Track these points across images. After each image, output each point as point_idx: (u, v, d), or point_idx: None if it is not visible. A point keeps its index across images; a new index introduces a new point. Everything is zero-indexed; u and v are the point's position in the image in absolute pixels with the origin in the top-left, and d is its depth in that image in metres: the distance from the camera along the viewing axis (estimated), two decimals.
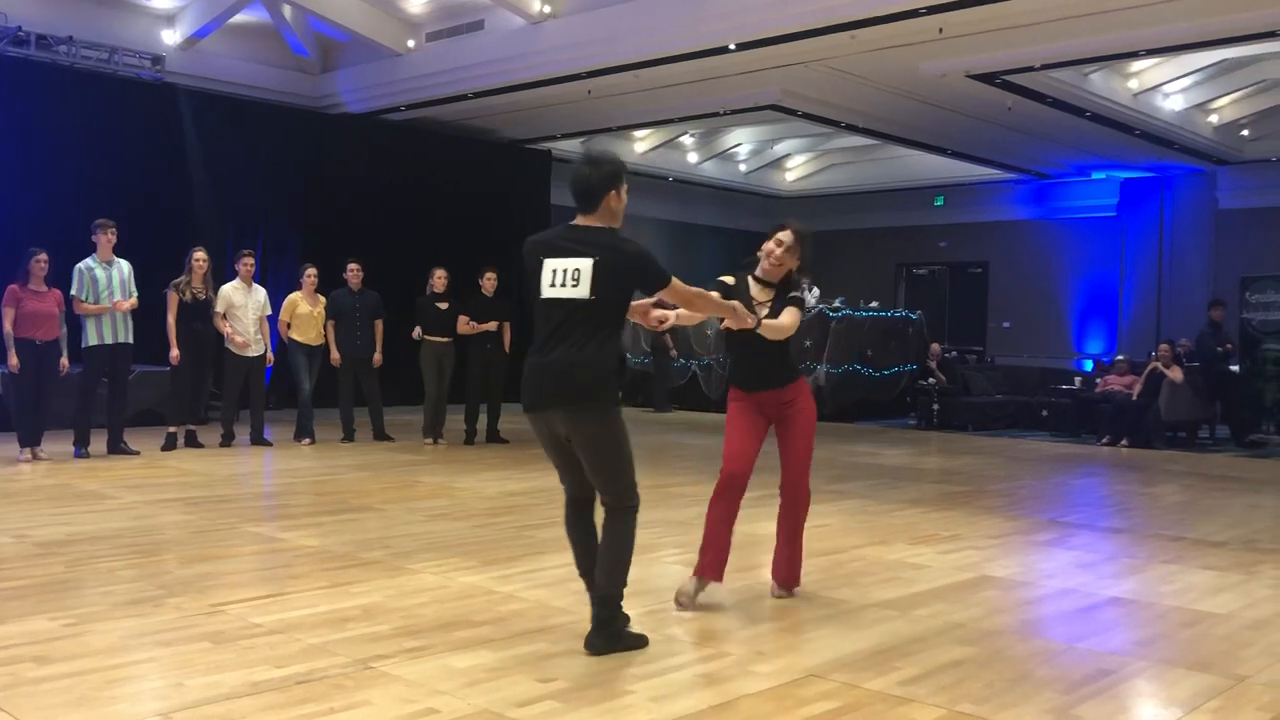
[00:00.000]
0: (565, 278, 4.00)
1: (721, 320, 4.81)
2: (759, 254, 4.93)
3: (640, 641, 4.18)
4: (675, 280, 4.13)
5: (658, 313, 4.48)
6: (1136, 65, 14.12)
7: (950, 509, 7.82)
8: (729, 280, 4.90)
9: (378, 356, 11.08)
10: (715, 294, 4.60)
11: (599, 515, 4.24)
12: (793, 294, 4.88)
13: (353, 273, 11.10)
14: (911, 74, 13.03)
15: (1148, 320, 18.66)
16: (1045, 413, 14.81)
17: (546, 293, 4.05)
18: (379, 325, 11.11)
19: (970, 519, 7.41)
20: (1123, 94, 14.49)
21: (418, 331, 10.83)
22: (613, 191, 4.07)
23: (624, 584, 4.15)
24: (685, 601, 4.79)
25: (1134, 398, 13.23)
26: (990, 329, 20.73)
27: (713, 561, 4.87)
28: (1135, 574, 5.83)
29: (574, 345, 3.98)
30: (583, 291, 3.97)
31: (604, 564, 4.12)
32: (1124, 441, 13.00)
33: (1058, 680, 3.93)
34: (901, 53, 12.12)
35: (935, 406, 14.67)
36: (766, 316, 4.74)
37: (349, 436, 11.06)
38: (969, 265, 21.37)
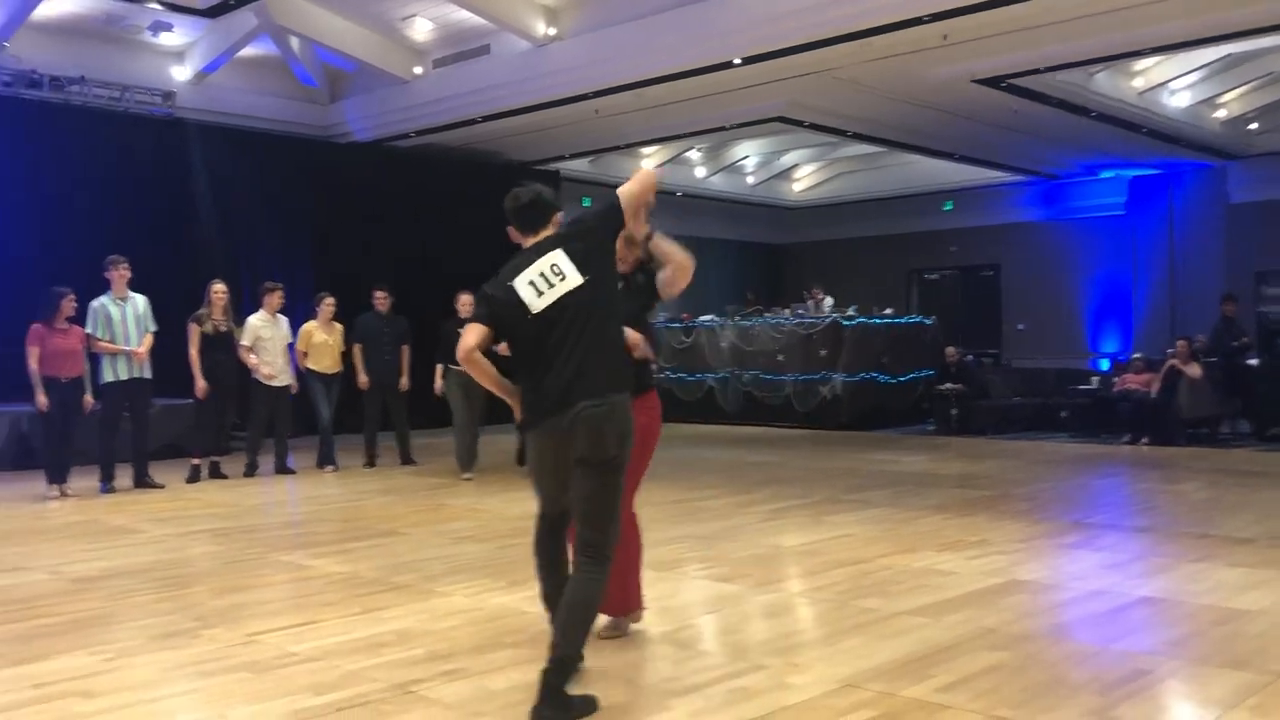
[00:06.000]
0: (546, 280, 3.69)
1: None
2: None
3: (590, 706, 3.60)
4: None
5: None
6: (1141, 64, 14.14)
7: (974, 514, 7.82)
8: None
9: (404, 381, 11.11)
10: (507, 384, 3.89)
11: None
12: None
13: (380, 299, 11.14)
14: (917, 81, 13.08)
15: (1161, 317, 18.60)
16: (1064, 414, 14.76)
17: (535, 306, 3.67)
18: (405, 350, 11.14)
19: (995, 523, 7.41)
20: (1128, 92, 14.51)
21: (439, 385, 10.27)
22: (559, 214, 3.96)
23: (583, 646, 3.65)
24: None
25: (1152, 395, 13.19)
26: (1005, 331, 20.70)
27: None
28: (1164, 573, 5.83)
29: (589, 344, 3.65)
30: (575, 278, 3.68)
31: (570, 620, 3.60)
32: (1145, 440, 12.95)
33: (1093, 682, 3.94)
34: (906, 60, 12.16)
35: (953, 411, 14.66)
36: None
37: (372, 462, 11.10)
38: (981, 268, 21.36)
